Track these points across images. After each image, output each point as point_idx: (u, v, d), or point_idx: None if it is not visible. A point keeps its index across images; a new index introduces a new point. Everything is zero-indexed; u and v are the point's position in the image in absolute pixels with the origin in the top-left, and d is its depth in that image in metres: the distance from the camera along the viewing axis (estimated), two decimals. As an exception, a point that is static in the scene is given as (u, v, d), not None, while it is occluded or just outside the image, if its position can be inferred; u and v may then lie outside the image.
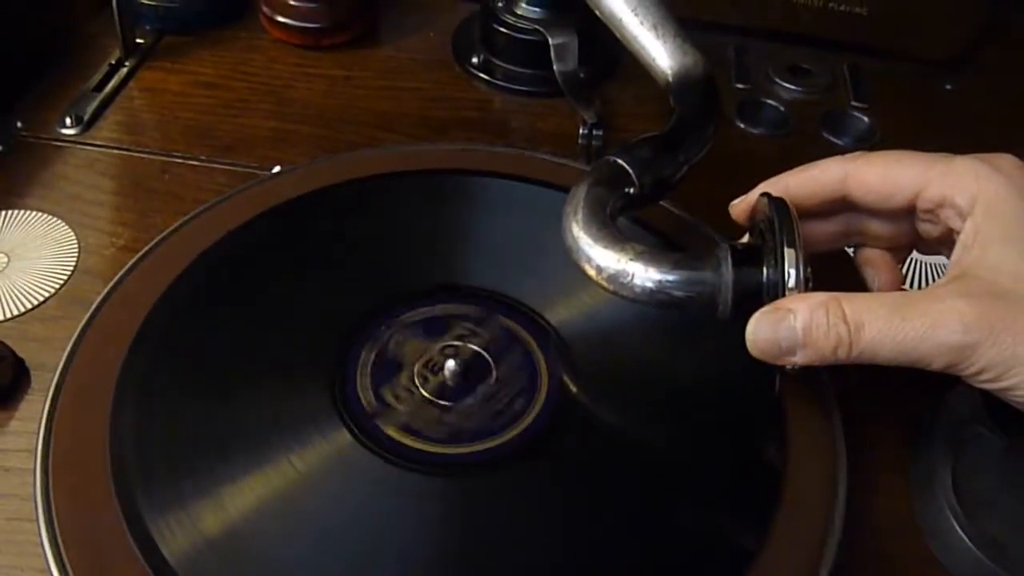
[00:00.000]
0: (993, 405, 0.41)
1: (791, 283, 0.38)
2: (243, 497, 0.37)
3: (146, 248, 0.46)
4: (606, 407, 0.42)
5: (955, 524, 0.39)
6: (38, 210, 0.51)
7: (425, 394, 0.41)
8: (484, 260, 0.47)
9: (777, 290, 0.39)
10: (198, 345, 0.42)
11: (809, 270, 0.39)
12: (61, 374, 0.41)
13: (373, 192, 0.49)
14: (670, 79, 0.52)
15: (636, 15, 0.53)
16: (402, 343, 0.43)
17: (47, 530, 0.35)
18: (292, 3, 0.64)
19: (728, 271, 0.40)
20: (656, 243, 0.48)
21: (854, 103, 0.64)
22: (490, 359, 0.43)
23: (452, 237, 0.48)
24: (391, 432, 0.39)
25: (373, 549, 0.36)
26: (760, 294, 0.40)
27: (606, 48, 0.64)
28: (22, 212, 0.51)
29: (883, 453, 0.43)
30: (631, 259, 0.41)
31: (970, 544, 0.38)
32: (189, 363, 0.41)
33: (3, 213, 0.51)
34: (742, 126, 0.62)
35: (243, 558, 0.35)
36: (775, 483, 0.39)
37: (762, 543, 0.37)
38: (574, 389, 0.42)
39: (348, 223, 0.48)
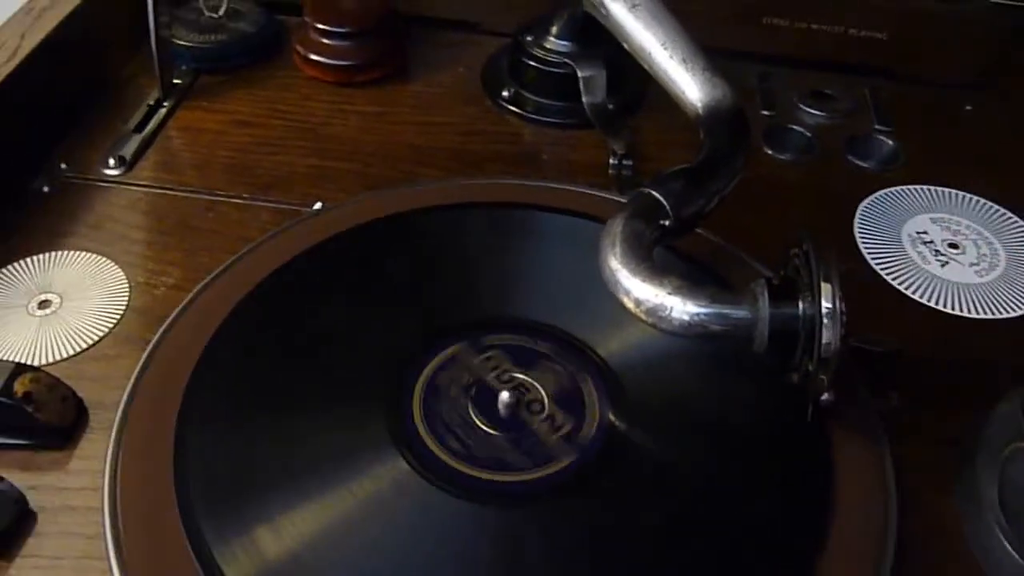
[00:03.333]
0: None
1: (826, 319, 0.39)
2: (305, 525, 0.38)
3: (201, 285, 0.47)
4: (653, 435, 0.43)
5: (1004, 542, 0.40)
6: (86, 250, 0.52)
7: (479, 423, 0.42)
8: (531, 291, 0.48)
9: (813, 324, 0.40)
10: (255, 379, 0.43)
11: (844, 305, 0.40)
12: (124, 412, 0.42)
13: (416, 225, 0.50)
14: (700, 111, 0.53)
15: (666, 49, 0.54)
16: (454, 374, 0.44)
17: (119, 567, 0.36)
18: (325, 41, 0.65)
19: (764, 306, 0.41)
20: (691, 271, 0.49)
21: (877, 127, 0.65)
22: (541, 389, 0.44)
23: (498, 269, 0.49)
24: (447, 460, 0.40)
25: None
26: (796, 328, 0.41)
27: (633, 80, 0.65)
28: (71, 253, 0.52)
29: (928, 475, 0.44)
30: (669, 293, 0.42)
31: (1021, 560, 0.39)
32: (248, 398, 0.42)
33: (53, 254, 0.52)
34: (769, 152, 0.63)
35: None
36: (825, 509, 0.40)
37: (815, 568, 0.38)
38: (622, 421, 0.43)
39: (395, 257, 0.49)
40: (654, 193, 0.47)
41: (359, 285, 0.48)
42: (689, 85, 0.53)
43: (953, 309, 0.53)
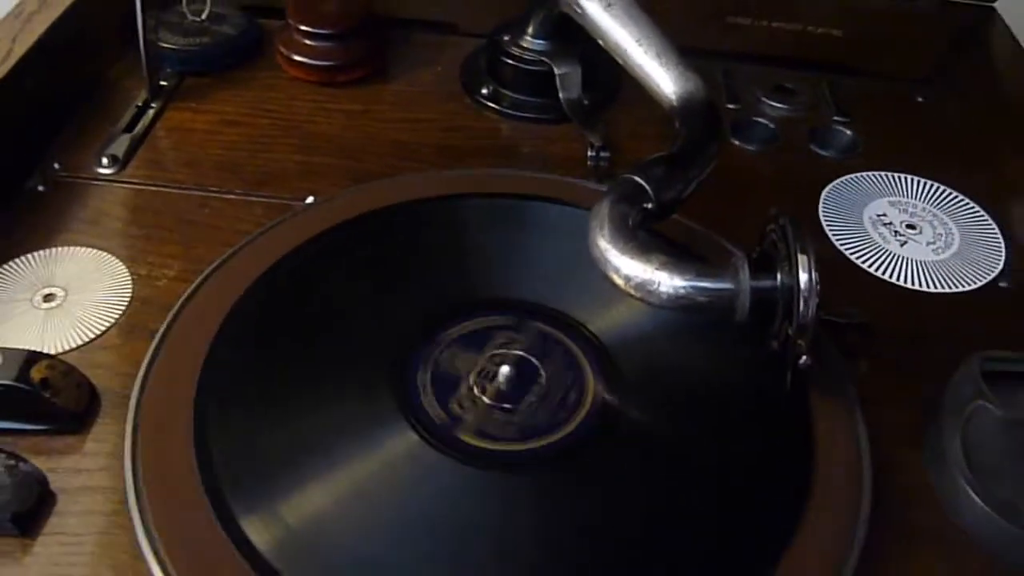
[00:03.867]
0: (993, 381, 0.45)
1: (802, 287, 0.43)
2: (326, 492, 0.40)
3: (208, 270, 0.49)
4: (645, 404, 0.46)
5: (970, 491, 0.43)
6: (86, 246, 0.54)
7: (482, 397, 0.44)
8: (524, 274, 0.51)
9: (791, 293, 0.43)
10: (268, 360, 0.45)
11: (819, 275, 0.43)
12: (139, 394, 0.43)
13: (409, 216, 0.53)
14: (675, 103, 0.56)
15: (640, 45, 0.57)
16: (456, 352, 0.46)
17: (146, 538, 0.38)
18: (308, 43, 0.67)
19: (745, 278, 0.44)
20: (674, 252, 0.52)
21: (836, 118, 0.69)
22: (538, 364, 0.46)
23: (492, 254, 0.52)
24: (467, 439, 0.42)
25: (444, 539, 0.39)
26: (775, 298, 0.44)
27: (606, 76, 0.68)
28: (71, 248, 0.54)
29: (897, 434, 0.47)
30: (656, 268, 0.45)
31: (986, 508, 0.43)
32: (262, 377, 0.44)
33: (54, 250, 0.53)
34: (737, 143, 0.66)
35: (323, 547, 0.38)
36: (807, 466, 0.43)
37: (801, 514, 0.41)
38: (615, 391, 0.46)
39: (394, 244, 0.52)
40: (637, 179, 0.50)
41: (361, 271, 0.50)
42: (664, 79, 0.56)
43: (913, 284, 0.56)
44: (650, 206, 0.49)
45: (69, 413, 0.44)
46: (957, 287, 0.56)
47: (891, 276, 0.57)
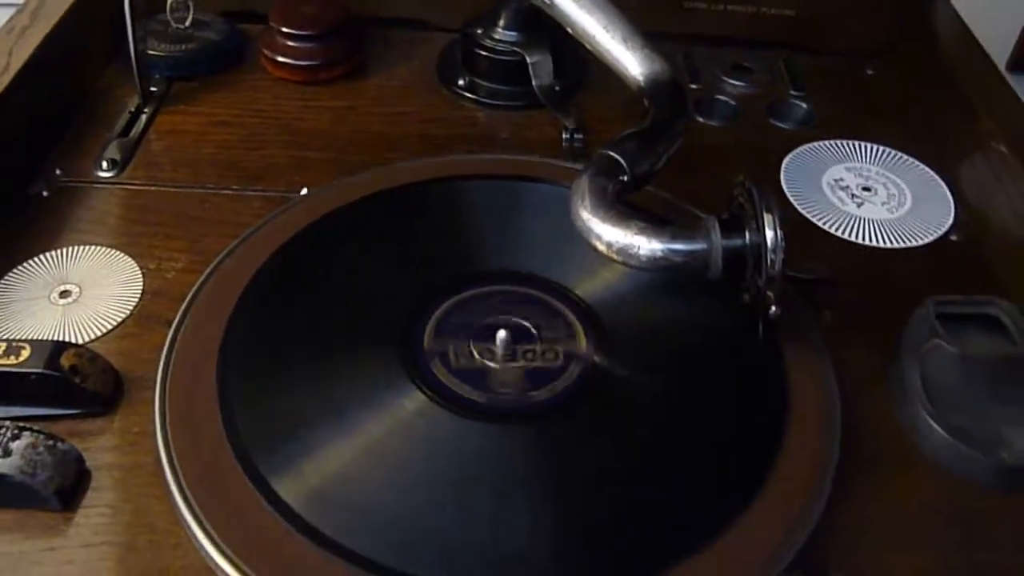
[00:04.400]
0: (946, 322, 0.50)
1: (769, 243, 0.47)
2: (345, 451, 0.44)
3: (217, 260, 0.52)
4: (631, 358, 0.50)
5: (930, 420, 0.48)
6: (95, 244, 0.57)
7: (481, 358, 0.48)
8: (515, 247, 0.55)
9: (759, 249, 0.47)
10: (282, 335, 0.49)
11: (784, 230, 0.47)
12: (164, 373, 0.47)
13: (404, 198, 0.57)
14: (642, 84, 0.60)
15: (608, 31, 0.61)
16: (456, 318, 0.50)
17: (184, 503, 0.41)
18: (291, 44, 0.70)
19: (717, 237, 0.48)
20: (650, 219, 0.56)
21: (792, 92, 0.74)
22: (531, 327, 0.50)
23: (484, 229, 0.56)
24: (469, 396, 0.46)
25: (453, 486, 0.43)
26: (745, 254, 0.48)
27: (574, 62, 0.72)
28: (81, 247, 0.56)
29: (861, 374, 0.51)
30: (635, 233, 0.49)
31: (944, 434, 0.47)
32: (278, 351, 0.48)
33: (65, 250, 0.56)
34: (701, 120, 0.71)
35: (346, 499, 0.42)
36: (782, 404, 0.47)
37: (779, 449, 0.45)
38: (603, 348, 0.50)
39: (392, 225, 0.56)
40: (612, 154, 0.54)
41: (363, 250, 0.54)
42: (631, 62, 0.60)
43: (871, 242, 0.61)
44: (626, 179, 0.53)
45: (97, 397, 0.47)
46: (911, 242, 0.61)
47: (850, 235, 0.61)
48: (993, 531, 0.45)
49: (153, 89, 0.69)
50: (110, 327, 0.52)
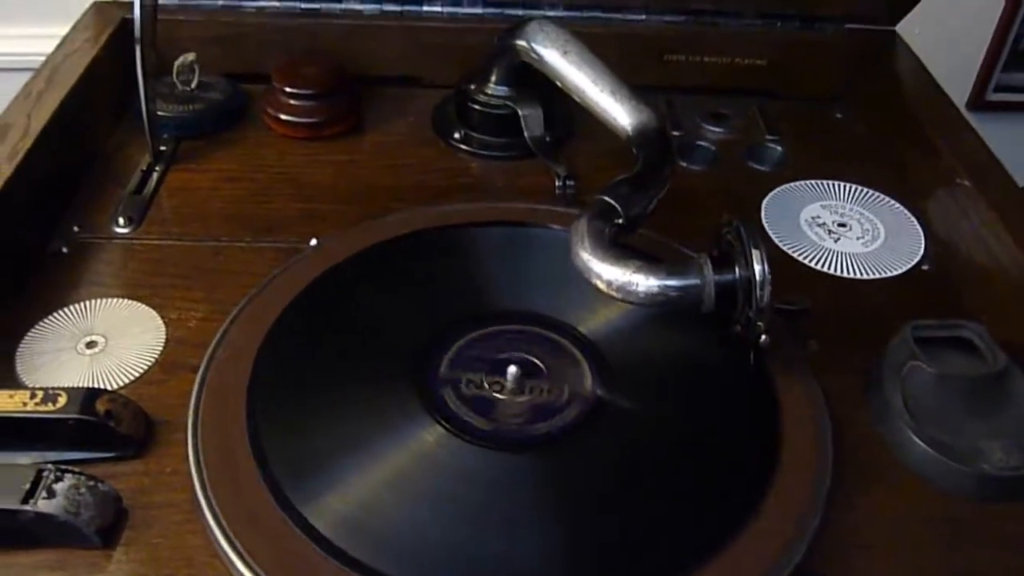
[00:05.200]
0: (923, 345, 0.54)
1: (758, 277, 0.51)
2: (371, 483, 0.47)
3: (238, 308, 0.55)
4: (632, 388, 0.53)
5: (912, 435, 0.51)
6: (117, 297, 0.59)
7: (494, 392, 0.51)
8: (519, 287, 0.58)
9: (748, 282, 0.51)
10: (305, 374, 0.52)
11: (770, 265, 0.51)
12: (194, 415, 0.49)
13: (414, 245, 0.60)
14: (631, 133, 0.65)
15: (596, 85, 0.66)
16: (469, 355, 0.53)
17: (223, 535, 0.44)
18: (293, 103, 0.74)
19: (710, 273, 0.52)
20: (646, 258, 0.59)
21: (768, 137, 0.78)
22: (539, 362, 0.53)
23: (489, 272, 0.59)
24: (484, 427, 0.49)
25: (470, 510, 0.46)
26: (736, 288, 0.52)
27: (565, 113, 0.76)
28: (104, 300, 0.59)
29: (847, 396, 0.55)
30: (634, 272, 0.53)
31: (925, 447, 0.51)
32: (303, 390, 0.51)
33: (88, 303, 0.59)
34: (684, 165, 0.75)
35: (371, 524, 0.45)
36: (775, 426, 0.51)
37: (775, 468, 0.48)
38: (606, 381, 0.53)
39: (400, 271, 0.59)
40: (607, 198, 0.58)
41: (378, 294, 0.57)
42: (620, 113, 0.65)
43: (848, 274, 0.65)
44: (621, 221, 0.57)
45: (131, 440, 0.50)
46: (886, 273, 0.65)
47: (829, 268, 0.65)
48: (974, 537, 0.49)
49: (162, 148, 0.72)
50: (137, 375, 0.54)
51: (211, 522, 0.45)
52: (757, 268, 0.50)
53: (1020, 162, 1.07)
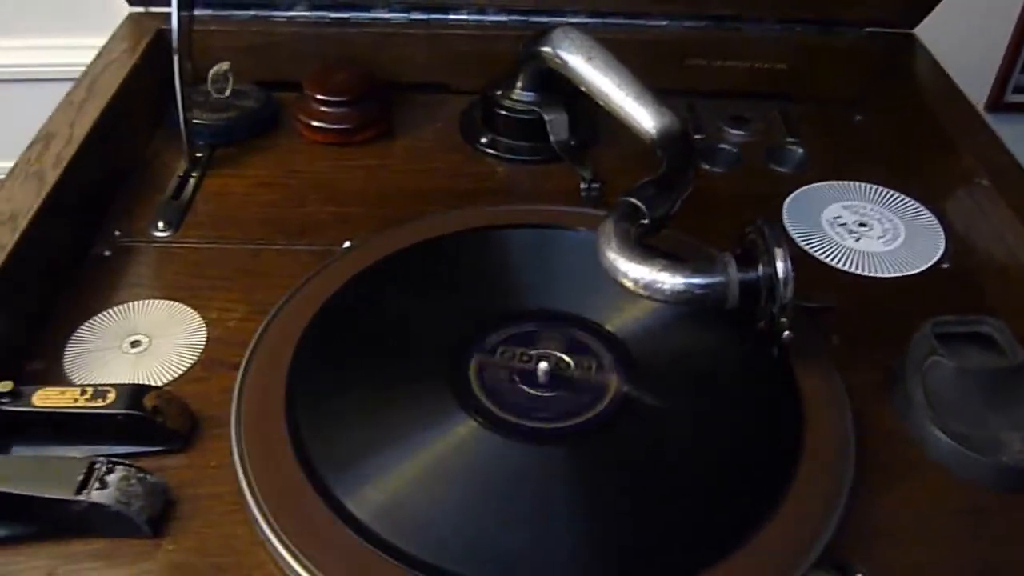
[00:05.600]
0: (944, 340, 0.55)
1: (780, 274, 0.52)
2: (410, 471, 0.49)
3: (276, 308, 0.57)
4: (659, 384, 0.54)
5: (934, 428, 0.52)
6: (159, 298, 0.62)
7: (524, 388, 0.53)
8: (546, 288, 0.60)
9: (771, 280, 0.53)
10: (342, 370, 0.54)
11: (792, 263, 0.52)
12: (237, 411, 0.51)
13: (445, 247, 0.62)
14: (655, 136, 0.66)
15: (621, 89, 0.67)
16: (500, 353, 0.55)
17: (268, 525, 0.46)
18: (324, 110, 0.76)
19: (734, 271, 0.54)
20: (671, 257, 0.61)
21: (788, 139, 0.79)
22: (568, 359, 0.55)
23: (518, 272, 0.62)
24: (502, 415, 0.51)
25: (502, 501, 0.48)
26: (759, 285, 0.53)
27: (589, 118, 0.78)
28: (146, 301, 0.61)
29: (869, 391, 0.56)
30: (660, 270, 0.54)
31: (947, 439, 0.52)
32: (340, 384, 0.53)
33: (131, 304, 0.61)
34: (706, 167, 0.76)
35: (408, 513, 0.47)
36: (799, 419, 0.52)
37: (800, 460, 0.50)
38: (633, 376, 0.54)
39: (432, 272, 0.61)
40: (633, 200, 0.59)
41: (410, 294, 0.59)
42: (644, 117, 0.66)
43: (869, 272, 0.66)
44: (646, 222, 0.59)
45: (177, 434, 0.52)
46: (906, 271, 0.66)
47: (851, 267, 0.66)
48: (996, 527, 0.50)
49: (198, 155, 0.74)
50: (180, 372, 0.57)
51: (255, 512, 0.47)
52: (780, 266, 0.52)
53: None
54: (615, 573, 0.45)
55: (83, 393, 0.50)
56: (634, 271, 0.54)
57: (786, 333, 0.52)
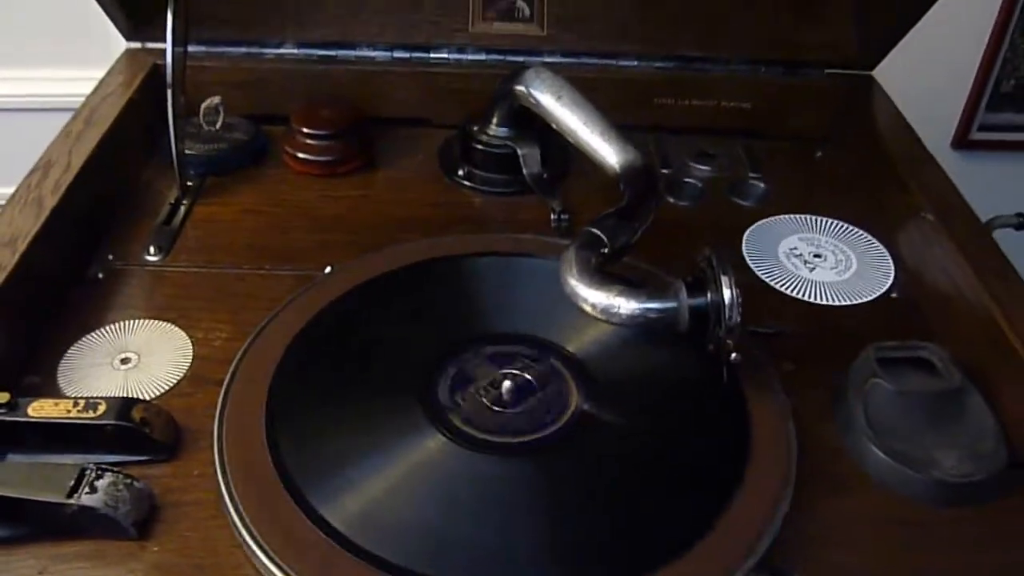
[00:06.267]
0: (885, 364, 0.59)
1: (727, 301, 0.56)
2: (379, 482, 0.52)
3: (258, 328, 0.61)
4: (615, 401, 0.58)
5: (872, 446, 0.56)
6: (149, 318, 0.65)
7: (489, 405, 0.57)
8: (512, 311, 0.64)
9: (719, 305, 0.56)
10: (320, 387, 0.58)
11: (739, 291, 0.56)
12: (219, 423, 0.55)
13: (419, 272, 0.66)
14: (618, 170, 0.70)
15: (587, 126, 0.72)
16: (466, 372, 0.59)
17: (245, 529, 0.49)
18: (310, 143, 0.80)
19: (684, 298, 0.58)
20: (628, 284, 0.65)
21: (751, 174, 0.84)
22: (530, 378, 0.59)
23: (485, 297, 0.65)
24: (468, 431, 0.55)
25: (468, 509, 0.51)
26: (707, 311, 0.57)
27: (560, 153, 0.82)
28: (137, 321, 0.65)
29: (814, 411, 0.60)
30: (616, 295, 0.58)
31: (885, 457, 0.55)
32: (317, 400, 0.57)
33: (122, 323, 0.65)
34: (671, 200, 0.80)
35: (380, 519, 0.50)
36: (745, 435, 0.56)
37: (745, 471, 0.53)
38: (591, 394, 0.58)
39: (407, 296, 0.65)
40: (594, 230, 0.63)
41: (386, 316, 0.63)
42: (608, 152, 0.70)
43: (822, 301, 0.70)
44: (606, 251, 0.63)
45: (163, 445, 0.55)
46: (857, 300, 0.70)
47: (805, 296, 0.70)
48: (928, 538, 0.54)
49: (189, 183, 0.78)
50: (167, 387, 0.60)
51: (234, 517, 0.50)
52: (726, 292, 0.56)
53: (1002, 196, 1.13)
54: (571, 573, 0.49)
55: (75, 405, 0.54)
56: (592, 296, 0.58)
57: (734, 355, 0.56)
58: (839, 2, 0.88)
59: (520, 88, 0.75)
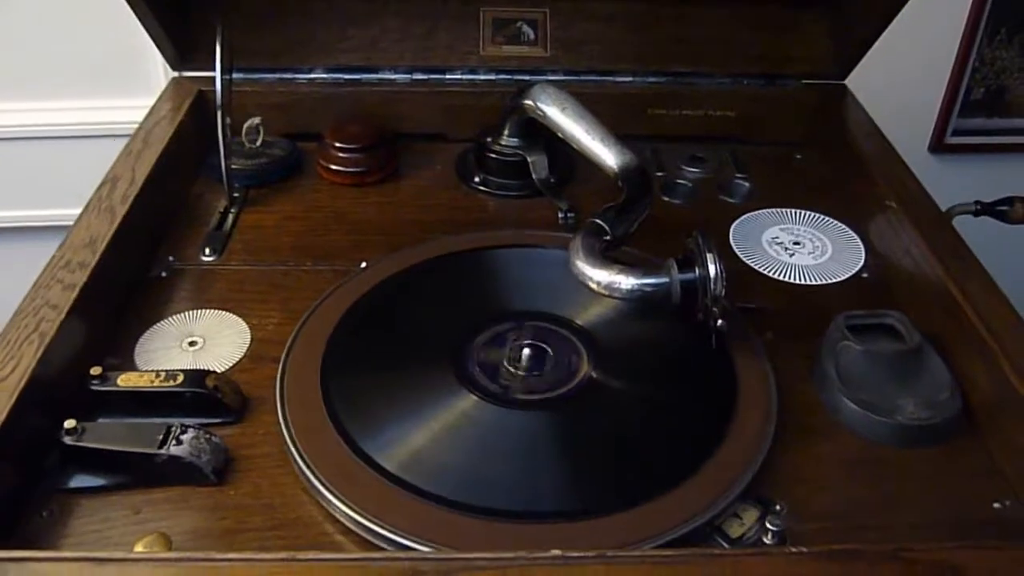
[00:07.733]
0: (854, 330, 0.67)
1: (712, 274, 0.65)
2: (425, 429, 0.61)
3: (307, 314, 0.70)
4: (620, 364, 0.67)
5: (844, 397, 0.65)
6: (209, 308, 0.74)
7: (512, 368, 0.66)
8: (530, 292, 0.73)
9: (706, 279, 0.65)
10: (364, 360, 0.67)
11: (723, 265, 0.65)
12: (279, 390, 0.64)
13: (446, 263, 0.76)
14: (617, 171, 0.80)
15: (589, 134, 0.81)
16: (493, 342, 0.68)
17: (310, 471, 0.58)
18: (342, 155, 0.90)
19: (676, 274, 0.67)
20: (627, 264, 0.74)
21: (737, 175, 0.93)
22: (546, 346, 0.68)
23: (506, 282, 0.75)
24: (494, 389, 0.64)
25: (496, 452, 0.61)
26: (696, 284, 0.66)
27: (566, 159, 0.92)
28: (199, 311, 0.74)
29: (795, 372, 0.69)
30: (617, 273, 0.68)
31: (854, 405, 0.64)
32: (364, 370, 0.66)
33: (187, 313, 0.74)
34: (666, 199, 0.90)
35: (423, 465, 0.59)
36: (732, 391, 0.65)
37: (734, 418, 0.62)
38: (599, 358, 0.67)
39: (436, 283, 0.74)
40: (597, 220, 0.73)
41: (418, 299, 0.72)
42: (608, 156, 0.80)
43: (801, 281, 0.79)
44: (608, 238, 0.72)
45: (233, 409, 0.64)
46: (832, 280, 0.79)
47: (785, 277, 0.79)
48: (892, 474, 0.62)
49: (235, 194, 0.88)
50: (231, 364, 0.69)
51: (299, 464, 0.59)
52: (711, 267, 0.65)
53: (976, 193, 1.22)
54: (584, 498, 0.58)
55: (157, 376, 0.63)
56: (597, 275, 0.68)
57: (719, 322, 0.65)
58: (812, 20, 0.98)
59: (528, 102, 0.85)
